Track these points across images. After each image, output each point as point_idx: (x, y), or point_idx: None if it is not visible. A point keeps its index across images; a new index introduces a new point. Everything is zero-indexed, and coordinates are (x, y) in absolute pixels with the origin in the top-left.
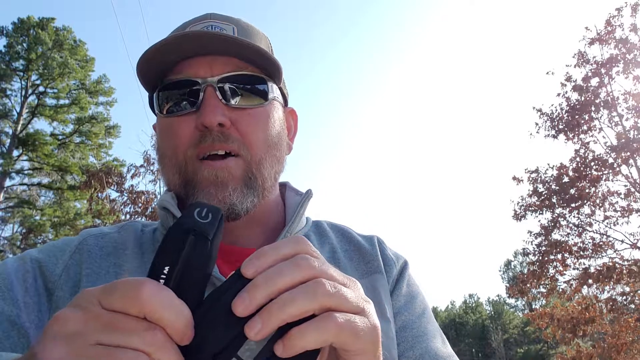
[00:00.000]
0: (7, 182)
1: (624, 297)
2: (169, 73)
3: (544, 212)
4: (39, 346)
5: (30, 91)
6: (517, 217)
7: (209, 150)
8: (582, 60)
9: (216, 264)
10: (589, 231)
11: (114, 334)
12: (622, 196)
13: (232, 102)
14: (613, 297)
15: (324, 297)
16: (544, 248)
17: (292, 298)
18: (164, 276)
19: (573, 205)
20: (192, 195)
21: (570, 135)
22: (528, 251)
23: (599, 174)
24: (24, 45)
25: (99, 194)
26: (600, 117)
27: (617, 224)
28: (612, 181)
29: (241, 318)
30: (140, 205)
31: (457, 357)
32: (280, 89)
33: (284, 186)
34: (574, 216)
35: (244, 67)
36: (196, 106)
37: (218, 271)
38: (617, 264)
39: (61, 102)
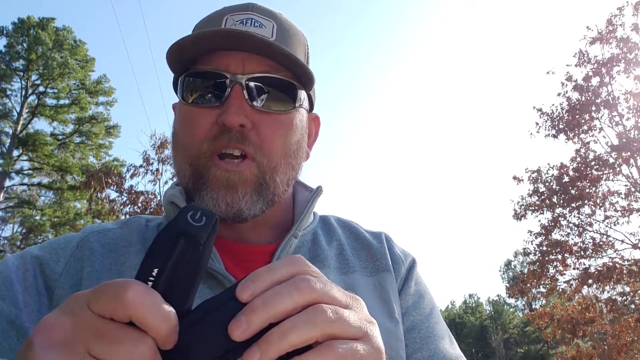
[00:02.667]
0: (7, 182)
1: (624, 298)
2: (199, 60)
3: (544, 211)
4: (30, 356)
5: (30, 91)
6: (517, 216)
7: (225, 149)
8: (582, 59)
9: (222, 261)
10: (589, 231)
11: (103, 344)
12: (623, 196)
13: (258, 103)
14: (613, 298)
15: (325, 325)
16: (544, 248)
17: (292, 327)
18: (152, 278)
19: (573, 205)
20: (200, 192)
21: (571, 135)
22: (528, 251)
23: (600, 173)
24: (24, 45)
25: (99, 194)
26: (601, 116)
27: (618, 223)
28: (613, 181)
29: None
30: (139, 205)
31: (465, 358)
32: (309, 95)
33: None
34: (574, 216)
35: (276, 69)
36: (221, 101)
37: (224, 268)
38: (617, 264)
39: (61, 102)
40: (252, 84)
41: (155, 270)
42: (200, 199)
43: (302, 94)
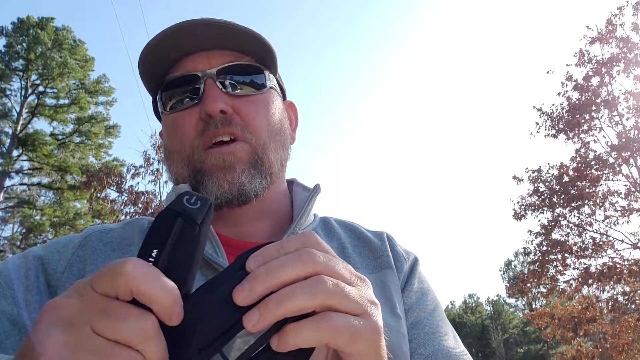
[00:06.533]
0: (7, 182)
1: (625, 297)
2: (169, 72)
3: (544, 211)
4: (36, 335)
5: (30, 91)
6: (517, 216)
7: (214, 137)
8: (582, 59)
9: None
10: (589, 231)
11: (107, 321)
12: (623, 196)
13: (232, 90)
14: (614, 297)
15: (324, 295)
16: (544, 248)
17: (291, 293)
18: (152, 259)
19: (573, 204)
20: (201, 182)
21: (571, 135)
22: (528, 250)
23: (600, 173)
24: (24, 45)
25: (99, 194)
26: (601, 116)
27: (618, 223)
28: (613, 181)
29: (237, 309)
30: (140, 205)
31: (470, 355)
32: (277, 80)
33: (291, 183)
34: (574, 216)
35: (240, 58)
36: (198, 98)
37: (228, 263)
38: (617, 264)
39: (61, 102)
40: (222, 74)
41: (155, 251)
42: (203, 189)
43: (271, 77)
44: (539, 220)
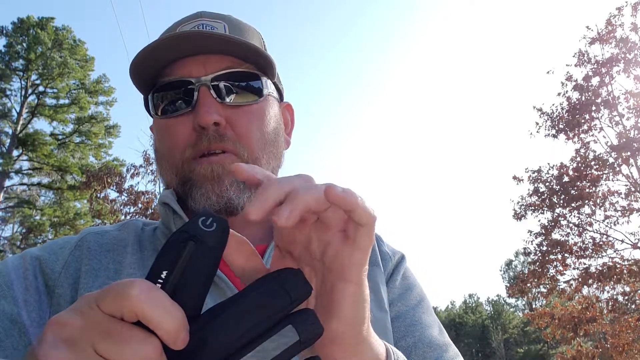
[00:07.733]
0: (7, 182)
1: (625, 297)
2: (162, 74)
3: (544, 211)
4: (41, 351)
5: (30, 91)
6: (517, 216)
7: (206, 150)
8: (582, 59)
9: None
10: (589, 231)
11: (109, 343)
12: (623, 196)
13: (227, 100)
14: (615, 297)
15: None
16: (544, 248)
17: (312, 186)
18: (161, 281)
19: (573, 205)
20: (189, 193)
21: (571, 135)
22: (529, 251)
23: (600, 173)
24: (24, 45)
25: (99, 194)
26: (601, 116)
27: (618, 223)
28: (613, 181)
29: (245, 331)
30: (140, 205)
31: (457, 349)
32: (274, 84)
33: None
34: (574, 216)
35: (237, 64)
36: (191, 106)
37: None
38: (617, 264)
39: (61, 101)
40: (217, 82)
41: (164, 273)
42: (191, 200)
43: (268, 83)
44: (539, 221)
